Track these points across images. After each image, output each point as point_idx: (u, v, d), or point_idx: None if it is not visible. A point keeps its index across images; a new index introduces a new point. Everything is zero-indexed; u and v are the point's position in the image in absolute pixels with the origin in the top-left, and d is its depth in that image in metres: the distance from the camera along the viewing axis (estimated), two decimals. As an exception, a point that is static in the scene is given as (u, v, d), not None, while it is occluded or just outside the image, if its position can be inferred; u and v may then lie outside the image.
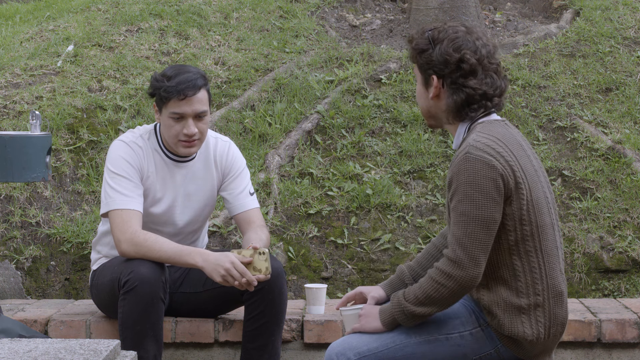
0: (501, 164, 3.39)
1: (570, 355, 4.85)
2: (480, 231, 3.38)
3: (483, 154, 3.39)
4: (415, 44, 3.57)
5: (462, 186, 3.39)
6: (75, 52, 6.97)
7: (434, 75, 3.53)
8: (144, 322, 4.23)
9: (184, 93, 4.31)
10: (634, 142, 6.30)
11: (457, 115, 3.55)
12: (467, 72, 3.50)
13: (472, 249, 3.39)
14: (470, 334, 3.51)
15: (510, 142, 3.47)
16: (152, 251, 4.26)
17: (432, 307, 3.46)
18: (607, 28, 7.28)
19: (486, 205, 3.38)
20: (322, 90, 6.67)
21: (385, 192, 5.99)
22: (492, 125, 3.51)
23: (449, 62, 3.50)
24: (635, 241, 5.80)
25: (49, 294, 5.68)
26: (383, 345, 3.51)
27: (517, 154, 3.45)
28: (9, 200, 5.90)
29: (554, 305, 3.49)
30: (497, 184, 3.38)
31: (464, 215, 3.39)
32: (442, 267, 3.42)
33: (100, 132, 6.27)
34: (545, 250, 3.47)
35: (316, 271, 5.74)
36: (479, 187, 3.38)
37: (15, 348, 3.28)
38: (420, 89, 3.60)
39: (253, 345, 4.42)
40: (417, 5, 7.67)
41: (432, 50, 3.53)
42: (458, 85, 3.51)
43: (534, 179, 3.47)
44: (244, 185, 4.57)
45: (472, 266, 3.39)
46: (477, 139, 3.44)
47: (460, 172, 3.40)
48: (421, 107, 3.63)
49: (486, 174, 3.38)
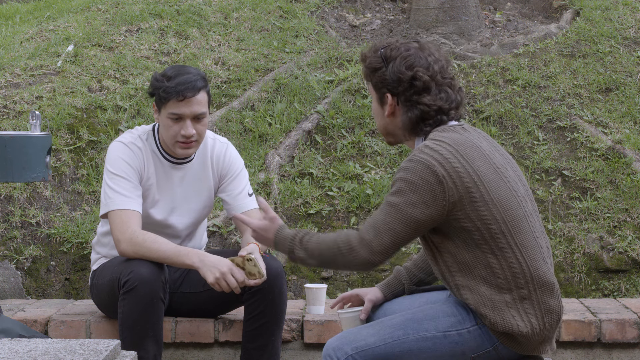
0: (445, 170, 3.42)
1: (570, 355, 4.85)
2: (398, 225, 3.43)
3: (428, 158, 3.43)
4: (369, 62, 3.61)
5: (400, 181, 3.44)
6: (75, 52, 6.97)
7: (388, 93, 3.56)
8: (143, 322, 4.23)
9: (183, 94, 4.31)
10: (634, 142, 6.30)
11: (412, 131, 3.59)
12: (421, 89, 3.54)
13: (384, 237, 3.43)
14: (468, 332, 3.51)
15: (462, 146, 3.48)
16: (150, 251, 4.26)
17: (315, 261, 3.54)
18: (607, 28, 7.28)
19: (415, 205, 3.41)
20: (322, 90, 6.67)
21: (385, 192, 5.99)
22: (445, 131, 3.54)
23: (402, 80, 3.54)
24: (635, 241, 5.80)
25: (49, 294, 5.68)
26: (380, 341, 3.51)
27: (470, 157, 3.46)
28: (9, 200, 5.90)
29: (542, 295, 3.48)
30: (434, 189, 3.41)
31: (390, 206, 3.44)
32: (351, 238, 3.48)
33: (100, 132, 6.27)
34: (522, 243, 3.47)
35: (316, 271, 5.74)
36: (414, 187, 3.41)
37: (15, 348, 3.28)
38: (375, 106, 3.64)
39: (253, 345, 4.42)
40: (417, 5, 7.67)
41: (384, 68, 3.57)
42: (412, 102, 3.55)
43: (494, 177, 3.47)
44: (243, 187, 4.57)
45: (376, 252, 3.44)
46: (428, 144, 3.48)
47: (402, 169, 3.46)
48: (378, 125, 3.67)
49: (425, 177, 3.42)
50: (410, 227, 3.43)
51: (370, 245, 3.44)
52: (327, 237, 3.54)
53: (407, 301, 3.84)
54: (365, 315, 3.83)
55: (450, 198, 3.41)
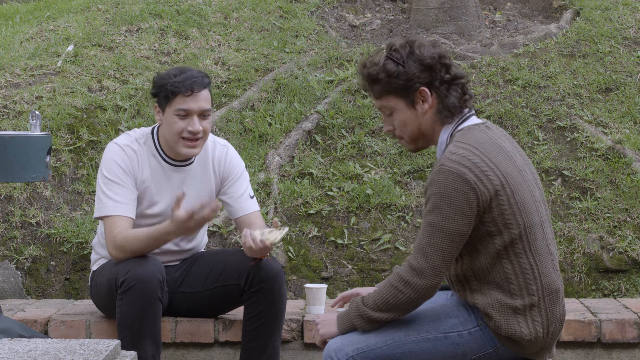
0: (475, 176, 3.38)
1: (570, 355, 4.85)
2: (444, 242, 3.39)
3: (457, 166, 3.38)
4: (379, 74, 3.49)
5: (433, 197, 3.39)
6: (75, 52, 6.97)
7: (422, 87, 3.48)
8: (141, 321, 4.23)
9: (190, 88, 4.32)
10: (634, 142, 6.30)
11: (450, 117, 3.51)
12: (450, 65, 3.50)
13: (434, 258, 3.39)
14: (469, 333, 3.51)
15: (488, 149, 3.44)
16: (133, 246, 4.27)
17: (390, 313, 3.47)
18: (607, 28, 7.28)
19: (454, 218, 3.37)
20: (322, 90, 6.67)
21: (385, 192, 5.99)
22: (470, 132, 3.49)
23: (431, 65, 3.48)
24: (635, 241, 5.80)
25: (49, 294, 5.68)
26: (381, 342, 3.51)
27: (496, 159, 3.43)
28: (9, 200, 5.90)
29: (550, 303, 3.49)
30: (468, 197, 3.37)
31: (431, 226, 3.39)
32: (402, 273, 3.43)
33: (100, 132, 6.27)
34: (536, 250, 3.47)
35: (316, 271, 5.74)
36: (449, 200, 3.37)
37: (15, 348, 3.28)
38: (405, 115, 3.52)
39: (253, 345, 4.42)
40: (417, 5, 7.67)
41: (403, 67, 3.48)
42: (448, 81, 3.50)
43: (518, 180, 3.45)
44: (244, 189, 4.57)
45: (431, 275, 3.40)
46: (453, 150, 3.42)
47: (433, 183, 3.40)
48: (410, 133, 3.55)
49: (457, 187, 3.37)
50: (456, 241, 3.39)
51: (422, 271, 3.40)
52: (380, 287, 3.49)
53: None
54: None
55: (483, 204, 3.38)
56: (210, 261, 4.53)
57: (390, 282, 3.45)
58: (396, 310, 3.46)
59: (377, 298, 3.47)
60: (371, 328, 3.51)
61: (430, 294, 3.42)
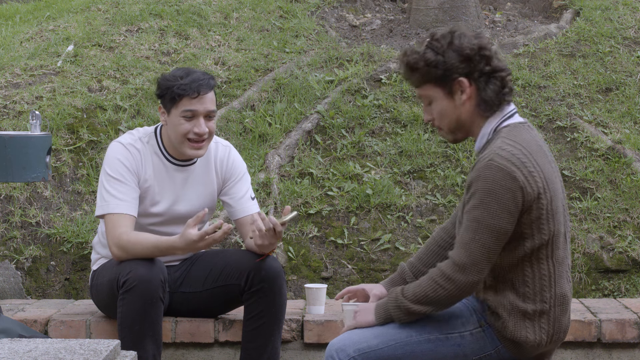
0: (523, 175, 3.35)
1: (570, 355, 4.85)
2: (488, 239, 3.36)
3: (506, 163, 3.34)
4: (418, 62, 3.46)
5: (480, 192, 3.35)
6: (75, 52, 6.97)
7: (460, 77, 3.45)
8: (142, 322, 4.23)
9: (197, 90, 4.32)
10: (634, 142, 6.30)
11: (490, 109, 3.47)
12: (490, 57, 3.46)
13: (478, 255, 3.37)
14: (470, 334, 3.51)
15: (534, 150, 3.42)
16: (136, 250, 4.27)
17: (428, 307, 3.45)
18: (607, 28, 7.28)
19: (500, 216, 3.34)
20: (322, 90, 6.67)
21: (385, 192, 5.99)
22: (517, 130, 3.46)
23: (470, 55, 3.44)
24: (635, 241, 5.80)
25: (49, 294, 5.68)
26: (383, 343, 3.50)
27: (541, 162, 3.41)
28: (9, 200, 5.90)
29: (559, 313, 3.48)
30: (515, 196, 3.35)
31: (476, 222, 3.36)
32: (444, 268, 3.41)
33: (100, 132, 6.27)
34: (556, 258, 3.46)
35: (316, 271, 5.74)
36: (496, 197, 3.34)
37: (15, 348, 3.28)
38: (444, 105, 3.49)
39: (253, 345, 4.42)
40: (417, 5, 7.68)
41: (443, 56, 3.44)
42: (488, 73, 3.45)
43: (556, 186, 3.44)
44: (245, 190, 4.57)
45: (474, 272, 3.37)
46: (503, 146, 3.39)
47: (480, 178, 3.36)
48: (449, 123, 3.51)
49: (506, 184, 3.34)
50: (500, 239, 3.37)
51: (465, 267, 3.37)
52: (420, 279, 3.46)
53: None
54: None
55: (527, 204, 3.37)
56: (211, 261, 4.53)
57: (431, 276, 3.42)
58: (435, 305, 3.43)
59: (417, 291, 3.44)
60: (408, 320, 3.48)
61: (471, 290, 3.39)
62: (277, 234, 4.22)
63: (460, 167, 6.17)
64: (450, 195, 6.01)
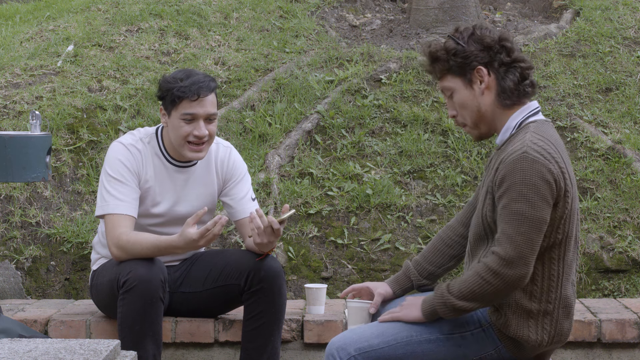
0: (557, 169, 3.37)
1: (570, 355, 4.85)
2: (532, 231, 3.35)
3: (540, 156, 3.35)
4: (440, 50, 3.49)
5: (517, 185, 3.35)
6: (75, 52, 6.97)
7: (479, 65, 3.47)
8: (143, 322, 4.23)
9: (197, 93, 4.31)
10: (634, 142, 6.30)
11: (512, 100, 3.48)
12: (512, 49, 3.47)
13: (524, 248, 3.35)
14: (471, 335, 3.51)
15: (561, 148, 3.45)
16: (135, 250, 4.27)
17: (475, 303, 3.42)
18: (607, 28, 7.28)
19: (540, 206, 3.34)
20: (322, 90, 6.67)
21: (385, 192, 5.99)
22: (544, 126, 3.47)
23: (491, 45, 3.46)
24: (635, 241, 5.80)
25: (49, 294, 5.68)
26: (384, 342, 3.50)
27: (566, 159, 3.44)
28: (9, 200, 5.90)
29: (562, 315, 3.48)
30: (551, 187, 3.35)
31: (518, 214, 3.35)
32: (490, 264, 3.38)
33: (100, 132, 6.27)
34: (566, 260, 3.46)
35: (316, 271, 5.74)
36: (535, 188, 3.34)
37: (15, 348, 3.28)
38: (463, 94, 3.51)
39: (252, 345, 4.42)
40: (417, 5, 7.68)
41: (464, 46, 3.47)
42: (508, 64, 3.47)
43: (576, 187, 3.47)
44: (246, 191, 4.57)
45: (521, 265, 3.35)
46: (534, 140, 3.40)
47: (515, 171, 3.36)
48: (471, 115, 3.53)
49: (543, 175, 3.34)
50: (542, 230, 3.36)
51: (512, 261, 3.36)
52: (466, 275, 3.45)
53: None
54: (374, 309, 3.75)
55: (557, 199, 3.38)
56: (210, 261, 4.53)
57: (477, 271, 3.40)
58: (481, 301, 3.41)
59: (462, 287, 3.42)
60: (454, 316, 3.46)
61: (519, 284, 3.37)
62: (275, 232, 4.21)
63: (460, 167, 6.17)
64: (450, 195, 6.01)
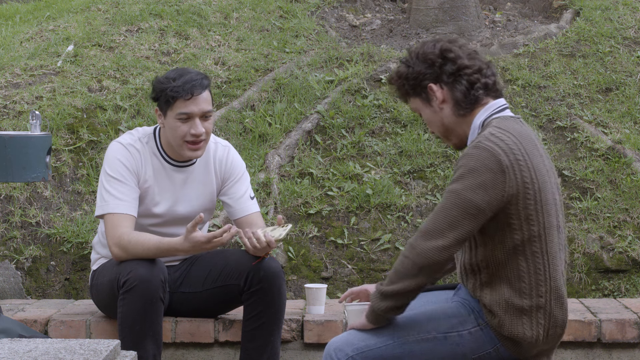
0: (509, 160, 3.38)
1: (570, 355, 4.85)
2: (456, 210, 3.37)
3: (493, 146, 3.38)
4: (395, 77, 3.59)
5: (462, 169, 3.39)
6: (75, 52, 6.97)
7: (429, 83, 3.53)
8: (143, 322, 4.23)
9: (190, 92, 4.32)
10: (634, 142, 6.30)
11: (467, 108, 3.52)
12: (455, 58, 3.51)
13: (442, 222, 3.37)
14: (469, 334, 3.51)
15: (524, 139, 3.45)
16: (137, 251, 4.27)
17: (400, 283, 3.41)
18: (607, 28, 7.28)
19: (474, 190, 3.36)
20: (322, 90, 6.67)
21: (385, 192, 5.99)
22: (507, 121, 3.50)
23: (433, 60, 3.52)
24: (635, 241, 5.80)
25: (49, 294, 5.68)
26: (381, 342, 3.51)
27: (530, 152, 3.44)
28: (9, 200, 5.90)
29: (555, 307, 3.49)
30: (496, 177, 3.37)
31: (449, 192, 3.39)
32: (410, 240, 3.43)
33: (100, 132, 6.28)
34: (550, 252, 3.47)
35: (316, 271, 5.74)
36: (476, 173, 3.36)
37: (15, 348, 3.28)
38: (427, 113, 3.57)
39: (252, 345, 4.42)
40: (417, 5, 7.68)
41: (411, 67, 3.54)
42: (454, 74, 3.51)
43: (545, 179, 3.46)
44: (244, 190, 4.57)
45: (436, 237, 3.36)
46: (492, 131, 3.43)
47: (465, 156, 3.40)
48: (438, 129, 3.59)
49: (488, 164, 3.36)
50: (469, 212, 3.36)
51: (427, 232, 3.38)
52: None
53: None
54: None
55: (510, 190, 3.38)
56: (210, 261, 4.53)
57: (402, 252, 3.44)
58: (405, 278, 3.41)
59: (390, 272, 3.46)
60: (386, 305, 3.44)
61: (431, 259, 3.36)
62: (271, 246, 4.25)
63: (460, 167, 6.17)
64: (450, 195, 6.01)
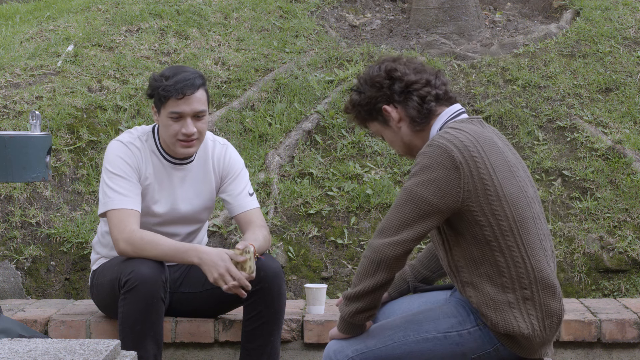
0: (463, 157, 3.40)
1: (570, 355, 4.85)
2: (408, 206, 3.39)
3: (446, 143, 3.41)
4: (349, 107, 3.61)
5: (415, 167, 3.43)
6: (75, 52, 6.97)
7: (383, 105, 3.55)
8: (144, 322, 4.23)
9: (182, 92, 4.31)
10: (634, 142, 6.30)
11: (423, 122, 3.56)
12: (402, 76, 3.54)
13: (393, 219, 3.40)
14: (468, 333, 3.51)
15: (480, 137, 3.47)
16: (149, 249, 4.26)
17: (362, 285, 3.44)
18: (607, 28, 7.28)
19: (425, 186, 3.38)
20: (322, 90, 6.67)
21: (385, 192, 5.99)
22: (462, 122, 3.53)
23: (381, 83, 3.55)
24: (635, 241, 5.80)
25: (49, 294, 5.68)
26: (381, 343, 3.51)
27: (487, 150, 3.45)
28: (9, 200, 5.90)
29: (545, 297, 3.48)
30: (449, 174, 3.39)
31: (402, 190, 3.43)
32: (370, 240, 3.46)
33: (100, 132, 6.28)
34: (528, 244, 3.47)
35: (316, 271, 5.74)
36: (429, 170, 3.39)
37: (15, 348, 3.28)
38: (388, 135, 3.61)
39: (252, 345, 4.42)
40: (417, 5, 7.68)
41: (363, 94, 3.57)
42: (404, 92, 3.55)
43: (507, 173, 3.46)
44: (243, 186, 4.58)
45: (389, 234, 3.39)
46: (446, 130, 3.48)
47: (419, 155, 3.44)
48: (400, 148, 3.63)
49: (441, 161, 3.39)
50: (420, 209, 3.39)
51: (381, 230, 3.42)
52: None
53: (406, 302, 3.84)
54: None
55: (466, 186, 3.39)
56: (210, 261, 4.53)
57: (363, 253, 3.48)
58: (364, 278, 3.44)
59: (354, 277, 3.49)
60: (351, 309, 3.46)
61: (388, 252, 3.39)
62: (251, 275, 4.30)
63: (460, 167, 6.18)
64: (450, 195, 6.01)
